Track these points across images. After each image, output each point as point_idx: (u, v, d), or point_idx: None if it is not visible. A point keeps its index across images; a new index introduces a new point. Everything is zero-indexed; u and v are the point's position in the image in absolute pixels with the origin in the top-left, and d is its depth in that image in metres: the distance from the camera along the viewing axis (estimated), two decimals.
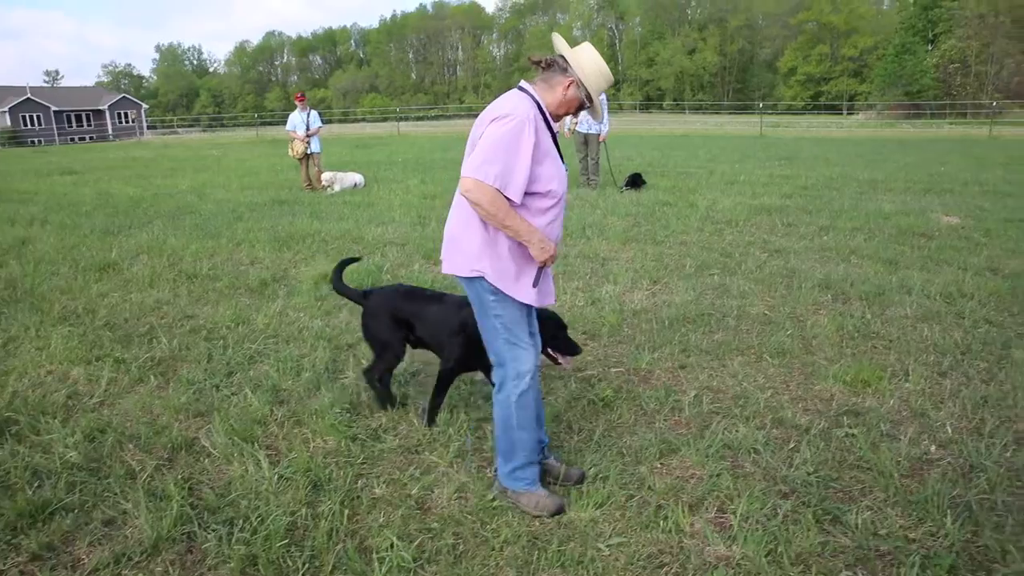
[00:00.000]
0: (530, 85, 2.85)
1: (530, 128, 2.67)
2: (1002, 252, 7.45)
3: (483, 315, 2.90)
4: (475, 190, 2.63)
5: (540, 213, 2.79)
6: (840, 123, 46.38)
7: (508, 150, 2.64)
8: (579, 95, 2.82)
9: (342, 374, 4.46)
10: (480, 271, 2.79)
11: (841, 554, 2.71)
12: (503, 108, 2.70)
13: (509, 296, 2.82)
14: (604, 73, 2.84)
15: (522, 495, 2.98)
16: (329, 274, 6.50)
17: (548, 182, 2.76)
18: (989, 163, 17.30)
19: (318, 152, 13.69)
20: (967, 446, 3.46)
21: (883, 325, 5.21)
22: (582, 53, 2.84)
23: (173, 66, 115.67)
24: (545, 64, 2.86)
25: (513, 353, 2.89)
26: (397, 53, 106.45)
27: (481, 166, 2.63)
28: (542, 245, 2.74)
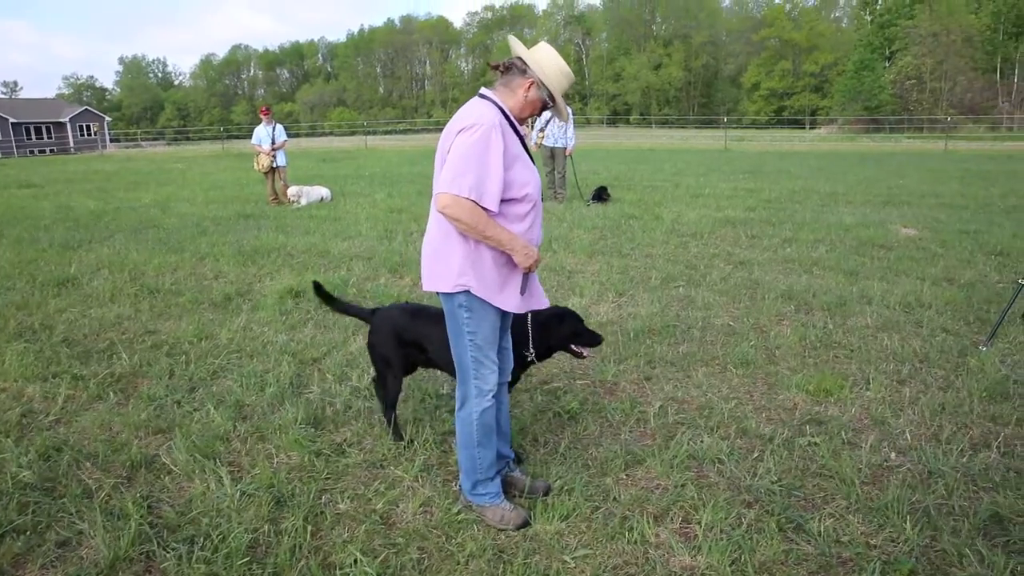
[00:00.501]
0: (491, 91, 2.82)
1: (497, 134, 2.64)
2: (958, 263, 7.64)
3: (455, 331, 2.86)
4: (452, 205, 2.60)
5: (518, 219, 2.77)
6: (802, 137, 47.27)
7: (479, 160, 2.60)
8: (541, 95, 2.80)
9: (307, 388, 4.41)
10: (464, 285, 2.74)
11: (804, 562, 2.73)
12: (468, 118, 2.66)
13: (487, 312, 2.80)
14: (564, 71, 2.81)
15: (487, 509, 2.98)
16: (295, 287, 6.50)
17: (523, 186, 2.74)
18: (944, 176, 17.75)
19: (284, 166, 13.59)
20: (926, 452, 3.52)
21: (844, 335, 5.30)
22: (539, 52, 2.82)
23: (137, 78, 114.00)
24: (504, 68, 2.83)
25: (479, 372, 2.87)
26: (365, 67, 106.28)
27: (454, 180, 2.59)
28: (525, 251, 2.73)
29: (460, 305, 2.79)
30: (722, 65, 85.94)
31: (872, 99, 58.12)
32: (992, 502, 3.07)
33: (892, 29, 62.37)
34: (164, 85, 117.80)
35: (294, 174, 17.37)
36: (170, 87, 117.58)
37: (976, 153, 28.86)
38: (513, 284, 2.82)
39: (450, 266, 2.76)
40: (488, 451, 2.95)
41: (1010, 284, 6.44)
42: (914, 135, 46.39)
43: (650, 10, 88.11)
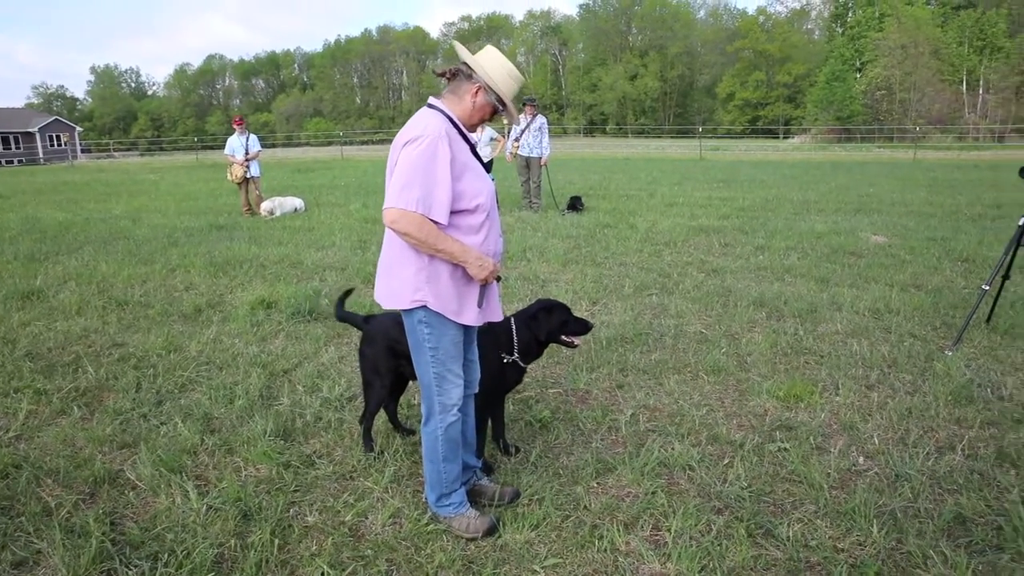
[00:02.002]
0: (439, 100, 2.78)
1: (443, 145, 2.58)
2: (925, 269, 7.75)
3: (416, 347, 2.82)
4: (400, 220, 2.55)
5: (472, 231, 2.71)
6: (776, 147, 47.84)
7: (425, 172, 2.55)
8: (489, 100, 2.74)
9: (277, 400, 4.37)
10: (421, 300, 2.69)
11: (773, 567, 2.74)
12: (413, 130, 2.61)
13: (446, 327, 2.75)
14: (510, 72, 2.75)
15: (453, 519, 2.96)
16: (267, 298, 6.44)
17: (474, 197, 2.68)
18: (913, 185, 18.04)
19: (258, 176, 13.50)
20: (893, 456, 3.56)
21: (815, 341, 5.35)
22: (484, 56, 2.76)
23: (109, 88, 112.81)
24: (449, 75, 2.78)
25: (442, 387, 2.83)
26: (341, 77, 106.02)
27: (401, 193, 2.54)
28: (479, 263, 2.68)
29: (419, 321, 2.74)
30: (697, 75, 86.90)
31: (844, 109, 59.05)
32: (956, 503, 3.11)
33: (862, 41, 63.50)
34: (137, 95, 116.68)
35: (269, 184, 17.27)
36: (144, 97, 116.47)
37: (943, 162, 29.37)
38: (471, 297, 2.78)
39: (405, 282, 2.70)
40: (454, 465, 2.93)
41: (975, 290, 6.55)
42: (884, 144, 47.15)
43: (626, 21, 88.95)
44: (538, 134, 12.70)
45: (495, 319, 2.96)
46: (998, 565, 2.70)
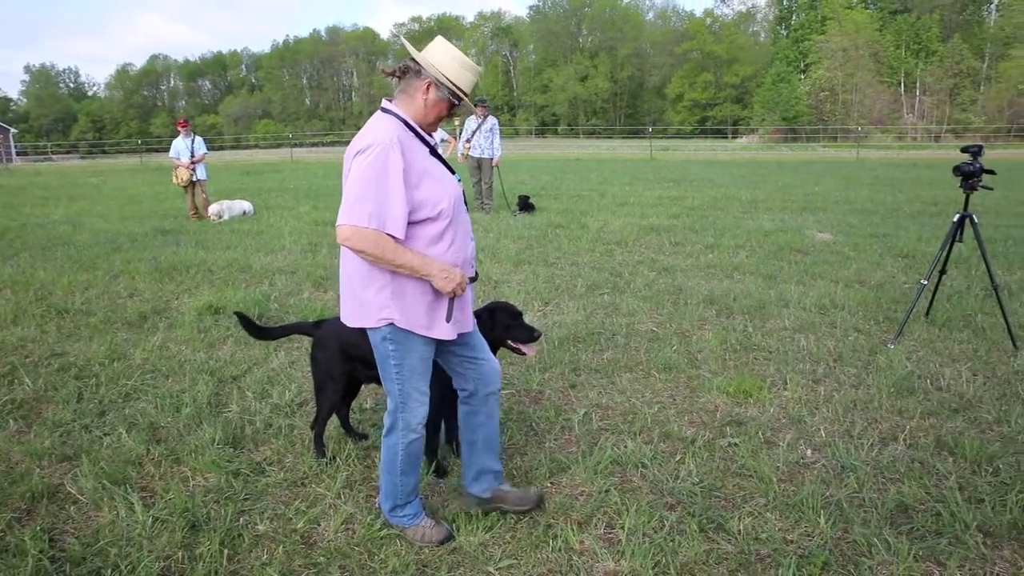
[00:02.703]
0: (391, 102, 2.63)
1: (395, 153, 2.43)
2: (868, 265, 7.98)
3: (381, 362, 2.70)
4: (353, 237, 2.41)
5: (435, 240, 2.56)
6: (725, 146, 48.72)
7: (378, 184, 2.41)
8: (443, 96, 2.58)
9: (226, 407, 4.27)
10: (387, 319, 2.57)
11: (724, 560, 2.78)
12: (363, 140, 2.48)
13: (413, 343, 2.64)
14: (462, 62, 2.57)
15: (407, 530, 2.91)
16: (215, 304, 6.30)
17: (435, 204, 2.52)
18: (857, 183, 18.56)
19: (204, 179, 13.20)
20: (839, 448, 3.65)
21: (763, 337, 5.46)
22: (431, 48, 2.60)
23: (46, 88, 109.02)
24: (399, 73, 2.62)
25: (406, 404, 2.73)
26: (290, 78, 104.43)
27: (352, 208, 2.41)
28: (444, 275, 2.53)
29: (384, 338, 2.62)
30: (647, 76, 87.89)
31: (789, 110, 60.42)
32: (898, 492, 3.20)
33: (806, 43, 65.05)
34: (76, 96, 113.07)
35: (216, 188, 16.92)
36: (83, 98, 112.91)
37: (885, 161, 30.30)
38: (439, 311, 2.64)
39: (369, 300, 2.59)
40: (411, 478, 2.86)
41: (915, 284, 6.75)
42: (829, 144, 48.43)
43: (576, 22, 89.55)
44: (489, 135, 12.69)
45: (467, 329, 2.81)
46: (937, 549, 2.79)
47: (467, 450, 3.04)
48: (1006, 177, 17.99)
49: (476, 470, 3.03)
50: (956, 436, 3.74)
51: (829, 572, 2.68)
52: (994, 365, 4.82)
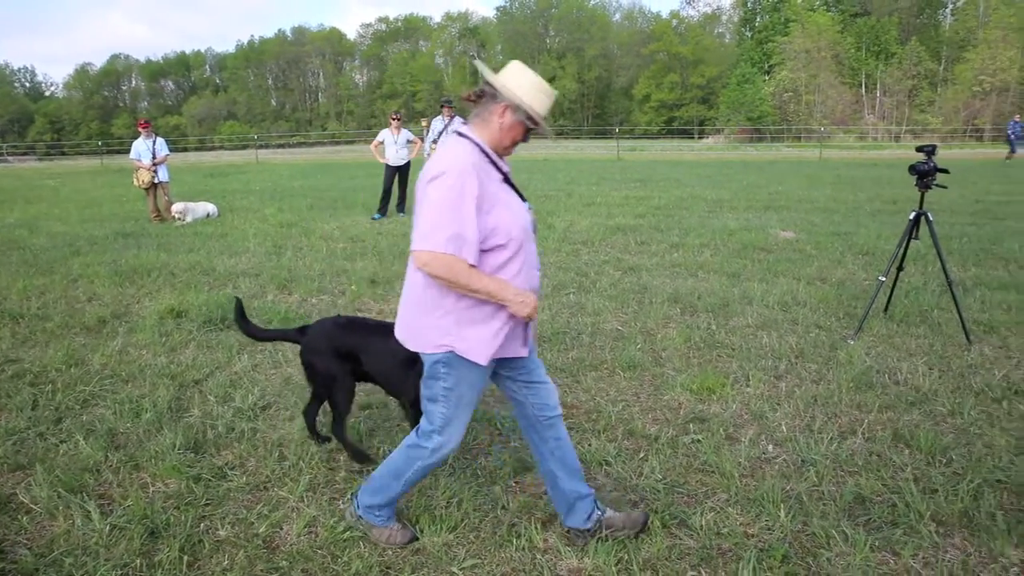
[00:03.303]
0: (467, 127, 2.61)
1: (471, 179, 2.41)
2: (829, 263, 8.12)
3: (430, 384, 2.64)
4: (432, 263, 2.39)
5: (502, 268, 2.52)
6: (691, 147, 49.15)
7: (453, 210, 2.39)
8: (519, 119, 2.54)
9: (187, 412, 4.21)
10: (448, 346, 2.54)
11: (687, 556, 2.81)
12: (439, 165, 2.45)
13: (468, 371, 2.58)
14: (539, 86, 2.56)
15: (375, 529, 2.90)
16: (176, 307, 6.20)
17: (506, 232, 2.49)
18: (819, 182, 18.86)
19: (166, 181, 12.99)
20: (799, 443, 3.71)
21: (727, 335, 5.53)
22: (507, 72, 2.59)
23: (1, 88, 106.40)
24: (475, 97, 2.60)
25: (445, 429, 2.67)
26: (256, 79, 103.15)
27: (430, 234, 2.38)
28: (519, 299, 2.49)
29: (438, 362, 2.58)
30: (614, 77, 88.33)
31: (754, 110, 61.17)
32: (856, 484, 3.26)
33: (770, 45, 65.93)
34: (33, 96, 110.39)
35: (180, 189, 16.65)
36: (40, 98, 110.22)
37: (846, 161, 30.84)
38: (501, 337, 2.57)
39: (432, 325, 2.55)
40: (407, 489, 2.85)
41: (874, 281, 6.88)
42: (792, 144, 49.15)
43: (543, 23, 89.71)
44: None
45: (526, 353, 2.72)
46: (892, 539, 2.85)
47: (549, 483, 2.90)
48: (961, 176, 18.43)
49: (567, 501, 2.87)
50: (912, 429, 3.82)
51: (788, 564, 2.72)
52: (949, 359, 4.93)
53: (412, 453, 2.75)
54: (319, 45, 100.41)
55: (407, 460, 2.77)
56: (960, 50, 59.48)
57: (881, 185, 17.58)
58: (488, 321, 2.54)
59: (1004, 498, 3.17)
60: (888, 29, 63.35)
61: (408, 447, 2.77)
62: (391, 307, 6.43)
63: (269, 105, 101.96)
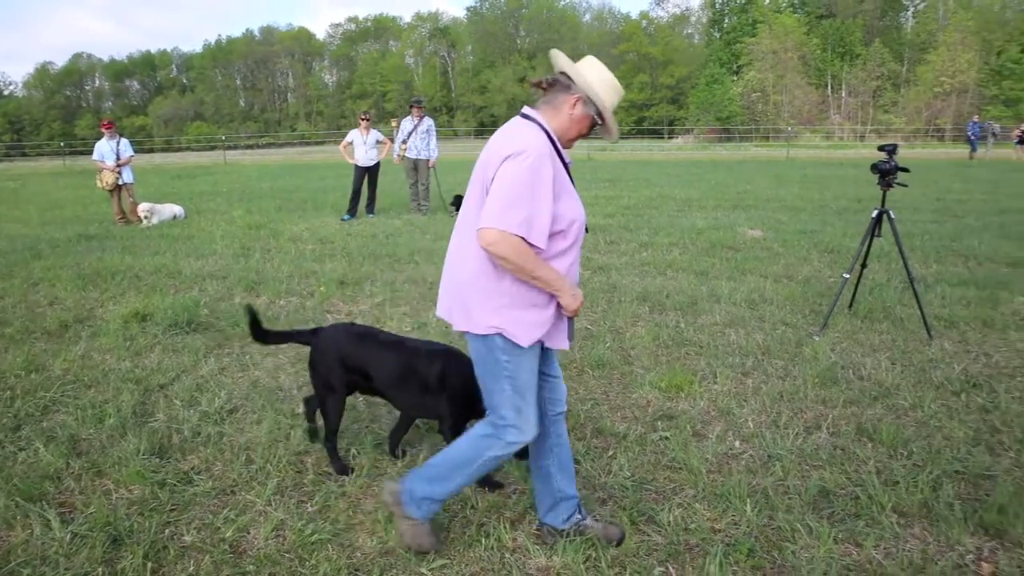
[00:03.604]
0: (534, 111, 2.57)
1: (547, 163, 2.37)
2: (796, 260, 8.24)
3: (490, 376, 2.57)
4: (500, 242, 2.32)
5: (561, 255, 2.50)
6: (661, 147, 49.56)
7: (530, 191, 2.34)
8: (588, 112, 2.54)
9: (152, 417, 4.15)
10: (498, 328, 2.47)
11: (654, 552, 2.83)
12: (516, 143, 2.39)
13: (525, 355, 2.53)
14: (613, 84, 2.56)
15: (407, 520, 2.75)
16: (141, 311, 6.10)
17: (570, 220, 2.47)
18: (786, 181, 19.13)
19: (131, 183, 12.77)
20: (765, 438, 3.76)
21: (695, 332, 5.58)
22: (585, 64, 2.58)
23: None
24: (547, 84, 2.58)
25: (518, 419, 2.57)
26: (224, 79, 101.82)
27: (502, 213, 2.31)
28: (573, 292, 2.49)
29: (497, 348, 2.50)
30: None
31: (723, 110, 61.84)
32: (820, 478, 3.32)
33: (738, 46, 66.68)
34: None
35: (146, 191, 16.41)
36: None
37: (813, 160, 31.31)
38: (547, 325, 2.55)
39: (481, 306, 2.49)
40: (467, 484, 2.75)
41: (839, 278, 7.00)
42: (761, 143, 49.76)
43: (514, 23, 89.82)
44: (425, 136, 12.64)
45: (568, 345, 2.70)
46: (855, 531, 2.91)
47: (539, 478, 2.86)
48: (923, 175, 18.80)
49: (552, 499, 2.85)
50: (875, 423, 3.89)
51: (754, 558, 2.76)
52: (911, 354, 5.03)
53: (484, 443, 2.64)
54: (288, 45, 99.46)
55: (476, 449, 2.65)
56: (921, 52, 60.74)
57: (846, 184, 17.87)
58: (540, 308, 2.51)
59: (961, 488, 3.24)
60: (852, 31, 64.48)
61: (481, 436, 2.65)
62: (360, 308, 6.40)
63: (237, 105, 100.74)
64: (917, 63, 60.55)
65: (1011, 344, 5.22)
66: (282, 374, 4.81)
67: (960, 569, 2.69)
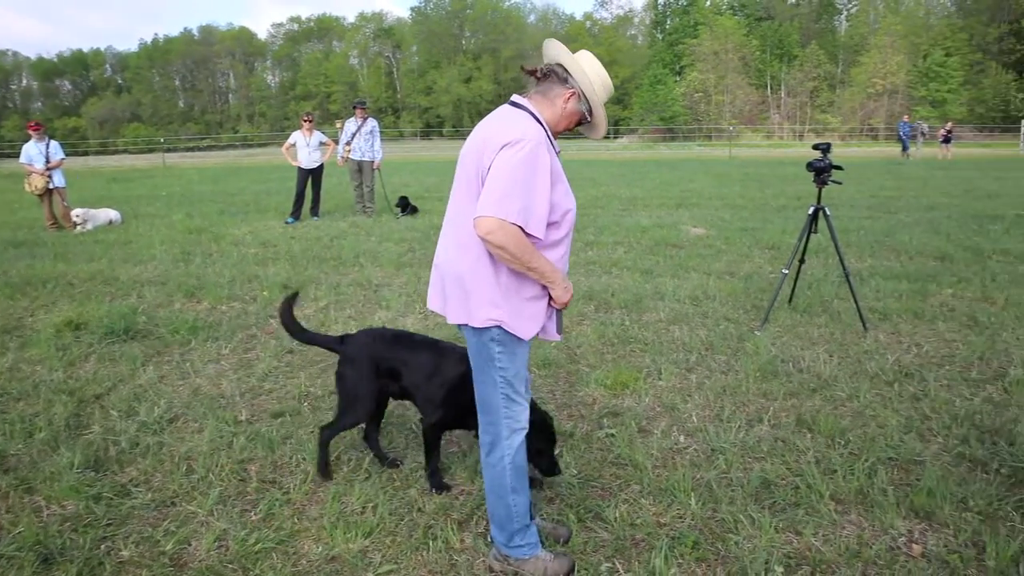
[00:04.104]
0: (525, 99, 2.52)
1: (544, 151, 2.35)
2: (738, 257, 8.41)
3: (482, 368, 2.54)
4: (498, 231, 2.26)
5: (554, 246, 2.48)
6: (607, 146, 50.00)
7: (528, 180, 2.30)
8: (580, 108, 2.52)
9: (87, 429, 4.01)
10: (496, 320, 2.43)
11: (601, 548, 2.86)
12: (512, 132, 2.34)
13: (519, 346, 2.51)
14: (607, 83, 2.54)
15: (526, 562, 2.64)
16: (75, 319, 5.89)
17: (565, 210, 2.46)
18: (729, 180, 19.52)
19: (63, 187, 12.31)
20: (709, 432, 3.83)
21: (639, 329, 5.65)
22: (584, 60, 2.53)
23: None
24: (541, 74, 2.53)
25: (511, 410, 2.56)
26: (162, 80, 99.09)
27: (500, 202, 2.26)
28: (565, 285, 2.49)
29: (492, 340, 2.47)
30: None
31: (666, 110, 62.85)
32: (762, 470, 3.39)
33: (680, 47, 67.89)
34: None
35: (80, 196, 15.87)
36: None
37: (754, 159, 32.06)
38: (541, 318, 2.52)
39: (480, 298, 2.43)
40: (523, 496, 2.62)
41: (779, 274, 7.17)
42: (704, 143, 50.78)
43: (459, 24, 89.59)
44: (369, 137, 12.52)
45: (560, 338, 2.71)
46: (795, 519, 2.98)
47: None
48: (858, 173, 19.39)
49: None
50: (814, 414, 4.00)
51: (699, 550, 2.80)
52: (847, 346, 5.19)
53: (493, 459, 2.60)
54: (229, 45, 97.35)
55: (496, 469, 2.60)
56: (855, 54, 62.80)
57: (786, 182, 18.32)
58: (536, 300, 2.49)
59: (894, 474, 3.36)
60: (790, 33, 66.27)
61: (487, 459, 2.62)
62: (305, 312, 6.30)
63: (176, 107, 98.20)
64: (851, 65, 62.59)
65: (940, 334, 5.42)
66: (224, 381, 4.71)
67: (893, 551, 2.78)
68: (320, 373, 4.81)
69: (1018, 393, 4.25)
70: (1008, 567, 2.67)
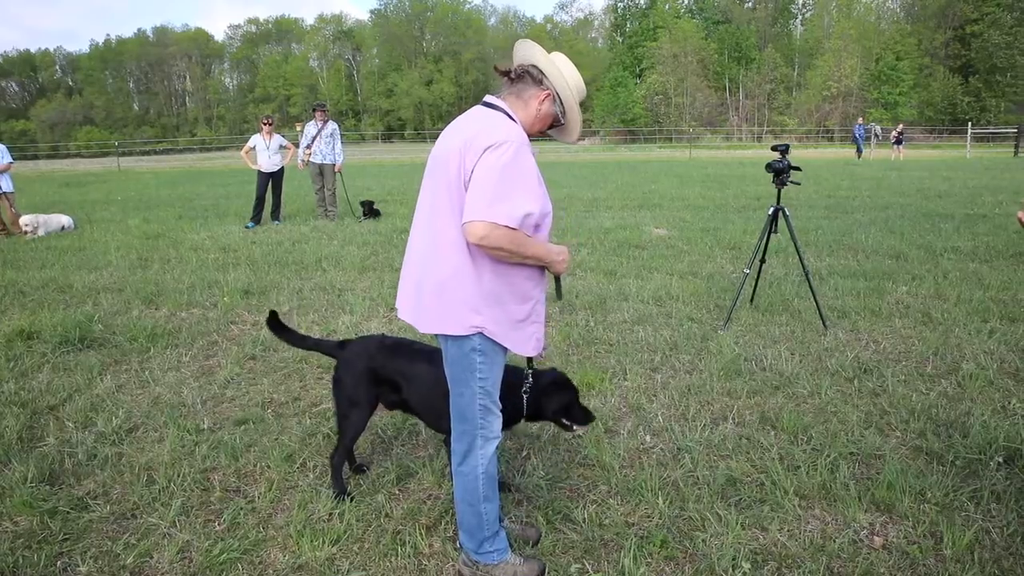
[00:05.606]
0: (500, 100, 2.50)
1: (527, 152, 2.34)
2: (700, 258, 8.51)
3: (461, 377, 2.49)
4: (491, 235, 2.24)
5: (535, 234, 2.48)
6: (568, 148, 50.27)
7: (515, 181, 2.29)
8: (554, 110, 2.50)
9: (40, 441, 3.89)
10: (479, 327, 2.39)
11: (571, 549, 2.86)
12: (495, 134, 2.31)
13: (498, 355, 2.49)
14: (581, 87, 2.54)
15: (496, 568, 2.63)
16: (27, 329, 5.72)
17: (546, 212, 2.44)
18: (690, 181, 19.76)
19: (11, 191, 11.95)
20: (675, 431, 3.86)
21: (604, 331, 5.68)
22: (560, 61, 2.52)
23: None
24: (515, 75, 2.50)
25: (486, 419, 2.53)
26: (115, 82, 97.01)
27: (491, 206, 2.23)
28: (560, 256, 2.48)
29: (473, 349, 2.43)
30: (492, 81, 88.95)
31: (627, 113, 63.47)
32: (727, 467, 3.43)
33: (640, 50, 68.62)
34: None
35: (30, 201, 15.45)
36: None
37: (715, 160, 32.52)
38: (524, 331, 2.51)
39: (462, 305, 2.39)
40: (494, 504, 2.61)
41: (740, 274, 7.27)
42: (664, 145, 51.33)
43: (419, 27, 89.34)
44: (330, 140, 12.41)
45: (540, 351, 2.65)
46: (760, 516, 3.02)
47: None
48: (816, 173, 19.78)
49: None
50: (777, 411, 4.06)
51: (667, 549, 2.82)
52: (808, 344, 5.28)
53: (467, 468, 2.57)
54: (184, 47, 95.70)
55: (469, 478, 2.57)
56: (810, 57, 64.10)
57: (746, 182, 18.60)
58: (516, 308, 2.46)
59: (856, 468, 3.43)
60: (747, 36, 67.37)
61: (459, 468, 2.58)
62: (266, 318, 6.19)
63: (131, 110, 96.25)
64: (807, 68, 63.85)
65: (896, 331, 5.55)
66: (185, 388, 4.61)
67: (855, 544, 2.84)
68: (284, 379, 4.75)
69: (971, 387, 4.37)
70: (964, 555, 2.74)
